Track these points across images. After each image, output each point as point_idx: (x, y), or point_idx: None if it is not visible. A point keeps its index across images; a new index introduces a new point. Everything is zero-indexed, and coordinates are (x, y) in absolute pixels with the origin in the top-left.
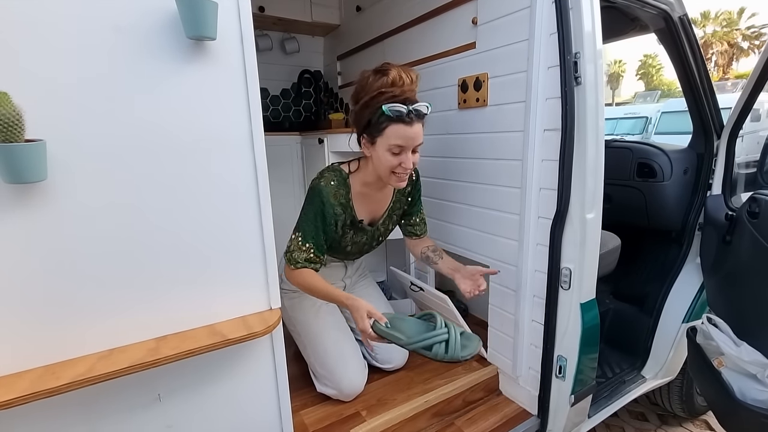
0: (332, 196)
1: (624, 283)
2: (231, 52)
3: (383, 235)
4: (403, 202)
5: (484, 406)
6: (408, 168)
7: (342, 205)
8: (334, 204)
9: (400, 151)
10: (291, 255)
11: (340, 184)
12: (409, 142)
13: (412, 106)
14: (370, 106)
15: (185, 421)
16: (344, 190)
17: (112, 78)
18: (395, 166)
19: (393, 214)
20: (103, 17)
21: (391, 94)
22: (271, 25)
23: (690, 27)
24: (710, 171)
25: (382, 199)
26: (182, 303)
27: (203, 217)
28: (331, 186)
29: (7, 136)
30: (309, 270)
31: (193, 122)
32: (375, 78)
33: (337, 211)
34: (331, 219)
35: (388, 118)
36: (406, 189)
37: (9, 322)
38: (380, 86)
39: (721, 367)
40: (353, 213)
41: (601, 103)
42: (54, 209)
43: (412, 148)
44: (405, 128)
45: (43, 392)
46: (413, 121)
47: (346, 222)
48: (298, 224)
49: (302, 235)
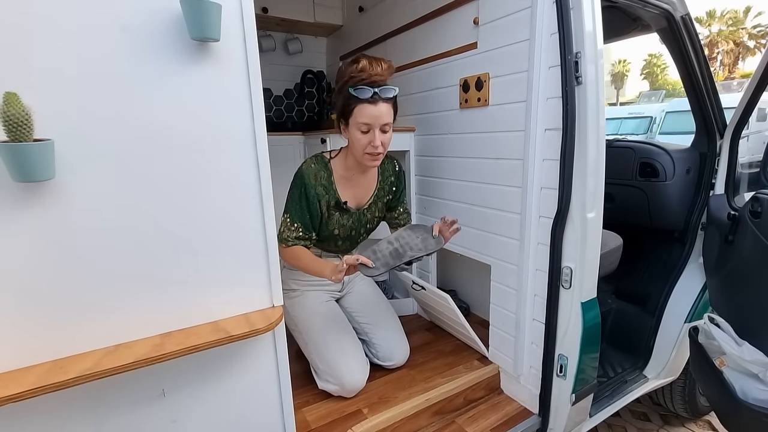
0: (312, 177)
1: (626, 283)
2: (234, 53)
3: (371, 222)
4: (386, 191)
5: (485, 404)
6: (377, 146)
7: (324, 186)
8: (315, 184)
9: (368, 129)
10: (281, 235)
11: (320, 167)
12: (375, 121)
13: (377, 88)
14: (342, 91)
15: (189, 416)
16: (325, 173)
17: (117, 78)
18: (366, 145)
19: (378, 201)
20: (110, 18)
21: (359, 78)
22: (274, 26)
23: (692, 26)
24: (713, 171)
25: (366, 185)
26: (186, 299)
27: (207, 216)
28: (311, 168)
29: (16, 136)
30: (300, 246)
31: (196, 122)
32: (347, 66)
33: (319, 191)
34: (314, 199)
35: (355, 99)
36: (389, 178)
37: (17, 318)
38: (350, 72)
39: (722, 367)
40: (336, 195)
41: (602, 103)
42: (61, 207)
43: (380, 128)
44: (370, 107)
45: (50, 386)
46: (378, 101)
47: (330, 203)
48: (286, 207)
49: (290, 216)
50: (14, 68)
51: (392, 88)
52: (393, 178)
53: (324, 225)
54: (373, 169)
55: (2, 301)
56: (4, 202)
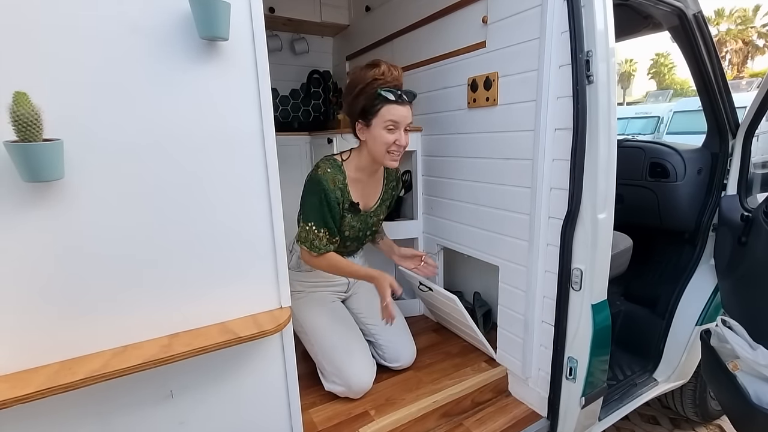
0: (331, 182)
1: (636, 285)
2: (243, 52)
3: (375, 225)
4: (389, 194)
5: (493, 407)
6: (402, 144)
7: (340, 189)
8: (334, 189)
9: (395, 127)
10: (312, 244)
11: (336, 171)
12: (402, 120)
13: (401, 90)
14: (365, 92)
15: (197, 418)
16: (341, 176)
17: (127, 78)
18: (391, 143)
19: (383, 204)
20: (120, 18)
21: (384, 80)
22: (280, 26)
23: (705, 25)
24: (725, 171)
25: (373, 187)
26: (194, 301)
27: (215, 216)
28: (328, 173)
29: (26, 135)
30: (331, 252)
31: (205, 121)
32: (367, 69)
33: (338, 195)
34: (334, 203)
35: (384, 99)
36: (392, 182)
37: (26, 319)
38: (373, 75)
39: (736, 371)
40: (350, 196)
41: (614, 102)
42: (70, 207)
43: (404, 127)
44: (398, 107)
45: (59, 387)
46: (405, 102)
47: (345, 205)
48: (306, 215)
49: (314, 223)
50: (24, 68)
51: (414, 92)
52: (395, 182)
53: None
54: (380, 172)
55: (10, 301)
56: (13, 202)
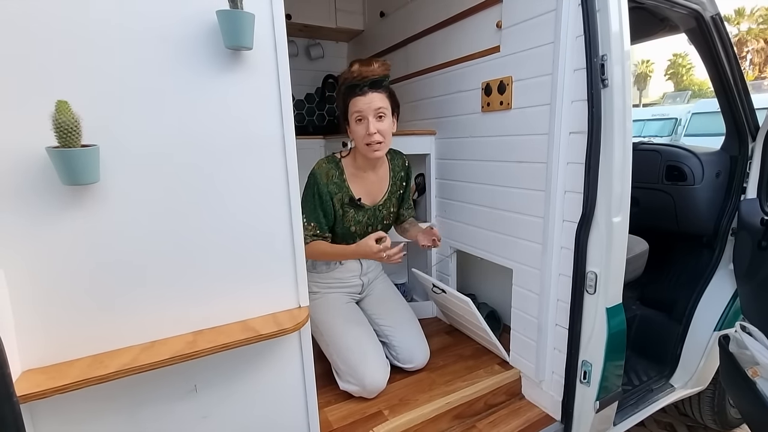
0: (324, 176)
1: (652, 289)
2: (266, 60)
3: (387, 218)
4: (398, 185)
5: (506, 409)
6: (372, 133)
7: (336, 184)
8: (327, 183)
9: (361, 117)
10: None
11: (331, 166)
12: (366, 107)
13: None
14: (338, 95)
15: (219, 412)
16: (337, 171)
17: (156, 87)
18: (363, 135)
19: (392, 196)
20: (152, 30)
21: (351, 77)
22: (296, 32)
23: (723, 26)
24: (744, 174)
25: (379, 181)
26: (218, 299)
27: (238, 219)
28: (322, 168)
29: (66, 142)
30: (317, 240)
31: (229, 127)
32: (343, 73)
33: (332, 189)
34: (326, 197)
35: (347, 94)
36: (399, 173)
37: (62, 314)
38: (344, 77)
39: (756, 377)
40: (349, 192)
41: (629, 106)
42: (105, 209)
43: (374, 114)
44: (359, 98)
45: (92, 379)
46: (367, 92)
47: (344, 200)
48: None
49: (305, 216)
50: (63, 78)
51: (380, 78)
52: (403, 172)
53: (339, 222)
54: (384, 165)
55: (48, 298)
56: (53, 204)
